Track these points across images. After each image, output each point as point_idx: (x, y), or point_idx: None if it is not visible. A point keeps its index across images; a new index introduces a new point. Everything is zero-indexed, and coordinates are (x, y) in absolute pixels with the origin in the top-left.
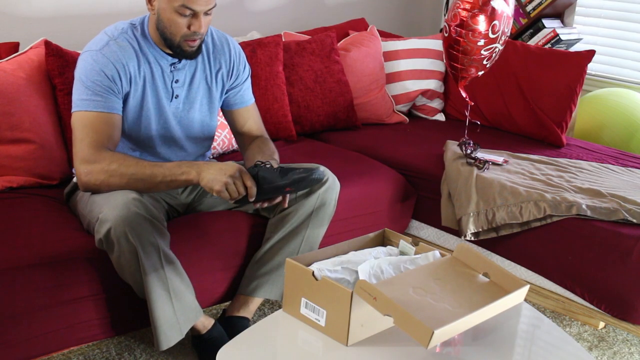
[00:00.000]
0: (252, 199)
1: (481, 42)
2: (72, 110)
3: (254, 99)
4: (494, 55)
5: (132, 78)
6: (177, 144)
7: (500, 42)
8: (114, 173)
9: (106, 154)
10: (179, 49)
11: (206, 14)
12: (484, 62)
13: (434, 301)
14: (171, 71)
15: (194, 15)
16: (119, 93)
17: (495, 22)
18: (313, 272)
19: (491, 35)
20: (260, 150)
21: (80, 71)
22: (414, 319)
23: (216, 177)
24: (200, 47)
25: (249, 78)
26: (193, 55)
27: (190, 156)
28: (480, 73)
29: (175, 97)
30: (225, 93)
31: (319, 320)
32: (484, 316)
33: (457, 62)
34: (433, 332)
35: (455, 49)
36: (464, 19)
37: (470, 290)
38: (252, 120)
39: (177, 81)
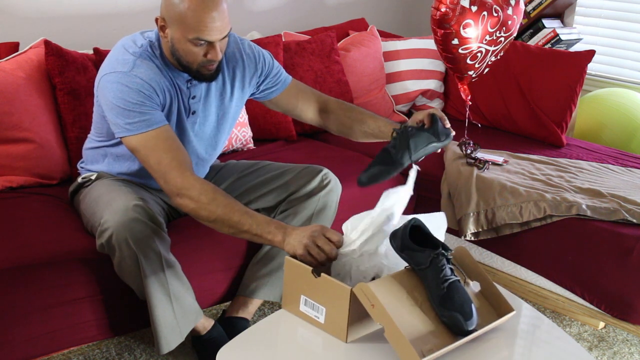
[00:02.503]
0: (329, 261)
1: (455, 41)
2: (124, 135)
3: (291, 77)
4: (480, 55)
5: (162, 94)
6: (195, 155)
7: (485, 42)
8: (203, 207)
9: (194, 181)
10: (197, 74)
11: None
12: (469, 62)
13: (425, 312)
14: (188, 88)
15: (210, 43)
16: (159, 106)
17: (469, 20)
18: (312, 270)
19: (464, 34)
20: (350, 117)
21: (114, 97)
22: (404, 340)
23: (298, 240)
24: (218, 68)
25: (273, 62)
26: (212, 78)
27: (205, 162)
28: (471, 73)
29: (193, 113)
30: (258, 91)
31: (318, 318)
32: (470, 340)
33: (445, 61)
34: None
35: (439, 48)
36: (436, 17)
37: None
38: (304, 95)
39: (194, 97)
